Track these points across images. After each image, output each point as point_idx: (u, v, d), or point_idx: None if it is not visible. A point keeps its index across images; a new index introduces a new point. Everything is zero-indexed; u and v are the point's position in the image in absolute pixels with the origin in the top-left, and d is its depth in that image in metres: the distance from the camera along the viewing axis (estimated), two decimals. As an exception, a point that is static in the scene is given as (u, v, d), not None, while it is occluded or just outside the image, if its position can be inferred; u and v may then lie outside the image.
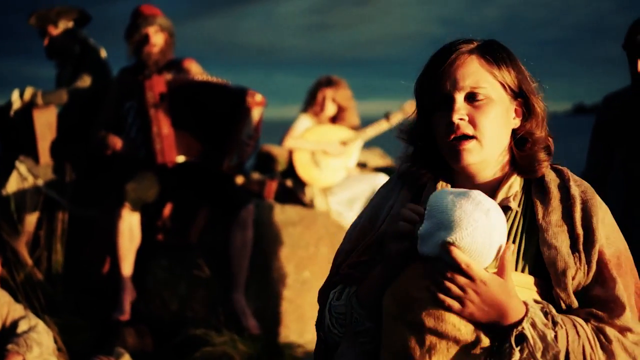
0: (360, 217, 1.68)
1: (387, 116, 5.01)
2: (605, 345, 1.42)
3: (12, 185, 4.15)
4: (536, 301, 1.42)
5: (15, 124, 4.30)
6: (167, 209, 4.10)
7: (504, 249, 1.39)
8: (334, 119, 5.01)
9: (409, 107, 5.02)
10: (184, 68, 4.19)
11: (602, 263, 1.46)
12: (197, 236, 4.05)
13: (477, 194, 1.42)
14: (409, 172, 1.62)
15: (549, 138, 1.60)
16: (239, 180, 4.18)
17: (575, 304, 1.45)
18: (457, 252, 1.37)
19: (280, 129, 5.02)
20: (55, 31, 4.41)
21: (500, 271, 1.39)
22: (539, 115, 1.56)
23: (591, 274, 1.45)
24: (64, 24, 4.42)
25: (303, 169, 4.91)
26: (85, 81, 4.34)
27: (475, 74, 1.51)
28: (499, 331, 1.39)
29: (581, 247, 1.46)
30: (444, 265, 1.39)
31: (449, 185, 1.57)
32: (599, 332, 1.43)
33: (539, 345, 1.37)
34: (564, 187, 1.53)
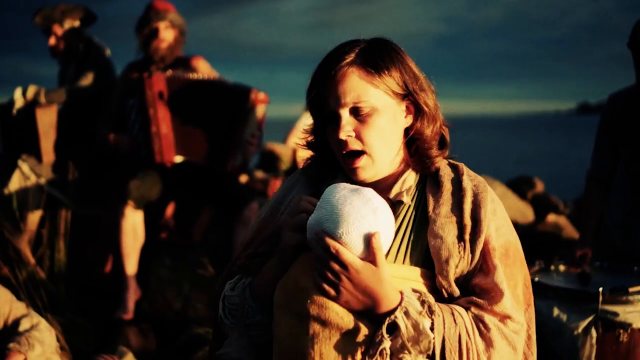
0: (263, 209, 1.71)
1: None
2: (484, 333, 1.44)
3: (15, 183, 4.14)
4: (414, 290, 1.45)
5: (17, 123, 4.29)
6: (170, 208, 4.09)
7: (374, 236, 1.41)
8: (338, 118, 4.98)
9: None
10: (192, 66, 4.17)
11: (486, 252, 1.50)
12: (200, 235, 4.03)
13: (368, 192, 1.45)
14: (310, 170, 1.66)
15: (444, 128, 1.63)
16: (243, 178, 4.16)
17: (457, 292, 1.49)
18: (328, 239, 1.40)
19: (284, 127, 5.01)
20: (60, 30, 4.40)
21: (372, 259, 1.41)
22: (428, 112, 1.58)
23: (474, 263, 1.49)
24: (70, 23, 4.41)
25: (306, 168, 4.88)
26: (88, 79, 4.33)
27: (356, 88, 1.52)
28: (377, 320, 1.41)
29: (467, 236, 1.49)
30: (321, 251, 1.41)
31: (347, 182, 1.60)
32: (478, 320, 1.45)
33: (412, 333, 1.39)
34: (457, 181, 1.57)
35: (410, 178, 1.59)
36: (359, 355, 1.40)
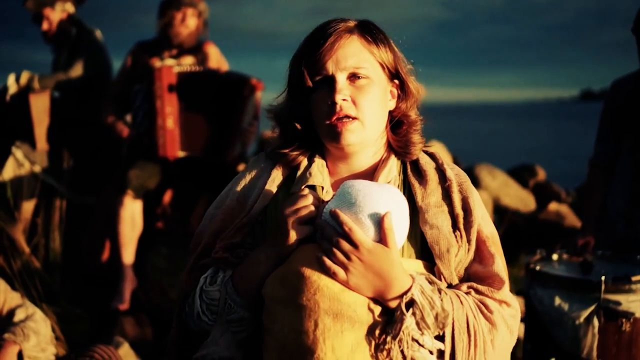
0: (225, 197, 1.63)
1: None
2: (488, 316, 1.45)
3: (9, 171, 4.12)
4: (418, 273, 1.44)
5: (11, 109, 4.27)
6: (167, 196, 4.07)
7: (385, 216, 1.39)
8: (336, 105, 4.94)
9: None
10: (204, 52, 4.14)
11: (480, 241, 1.51)
12: (197, 223, 4.00)
13: (392, 187, 1.45)
14: (282, 153, 1.60)
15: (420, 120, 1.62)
16: (240, 167, 4.14)
17: (456, 281, 1.48)
18: (343, 217, 1.38)
19: (282, 115, 4.96)
20: (52, 14, 4.35)
21: (384, 240, 1.39)
22: (414, 97, 1.58)
23: (471, 252, 1.49)
24: (61, 6, 4.37)
25: (304, 156, 4.85)
26: (82, 65, 4.29)
27: (357, 54, 1.51)
28: (389, 307, 1.39)
29: (461, 226, 1.49)
30: (332, 232, 1.39)
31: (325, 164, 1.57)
32: (480, 304, 1.46)
33: (428, 310, 1.38)
34: (440, 170, 1.57)
35: (395, 166, 1.57)
36: (372, 347, 1.37)
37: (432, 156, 1.61)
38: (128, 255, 3.84)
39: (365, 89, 1.50)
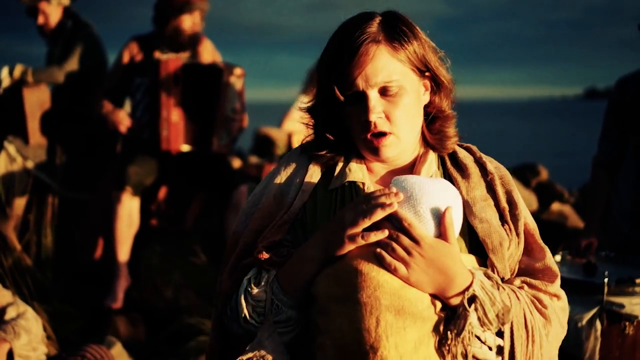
0: (260, 195, 1.58)
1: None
2: (542, 311, 1.46)
3: (1, 166, 4.09)
4: (475, 268, 1.43)
5: (4, 103, 4.22)
6: (162, 193, 4.03)
7: (447, 211, 1.37)
8: (335, 101, 4.90)
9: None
10: (198, 46, 4.11)
11: (528, 234, 1.51)
12: (192, 222, 3.98)
13: (446, 181, 1.45)
14: (319, 155, 1.56)
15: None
16: (236, 163, 4.10)
17: (509, 275, 1.48)
18: (401, 212, 1.36)
19: (279, 111, 4.92)
20: (48, 7, 4.31)
21: (444, 235, 1.37)
22: (447, 88, 1.54)
23: (521, 245, 1.49)
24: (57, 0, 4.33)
25: (303, 153, 4.81)
26: (77, 57, 4.25)
27: (386, 67, 1.46)
28: (448, 302, 1.37)
29: (509, 219, 1.49)
30: (390, 228, 1.37)
31: (364, 166, 1.56)
32: (534, 299, 1.46)
33: (489, 306, 1.37)
34: (480, 164, 1.56)
35: (433, 161, 1.56)
36: (435, 343, 1.35)
37: (469, 150, 1.60)
38: (123, 253, 3.80)
39: (398, 102, 1.47)
